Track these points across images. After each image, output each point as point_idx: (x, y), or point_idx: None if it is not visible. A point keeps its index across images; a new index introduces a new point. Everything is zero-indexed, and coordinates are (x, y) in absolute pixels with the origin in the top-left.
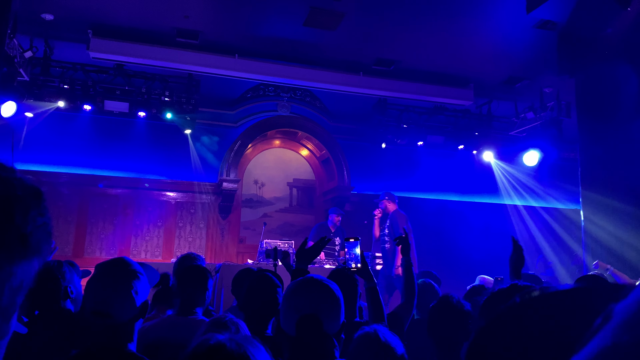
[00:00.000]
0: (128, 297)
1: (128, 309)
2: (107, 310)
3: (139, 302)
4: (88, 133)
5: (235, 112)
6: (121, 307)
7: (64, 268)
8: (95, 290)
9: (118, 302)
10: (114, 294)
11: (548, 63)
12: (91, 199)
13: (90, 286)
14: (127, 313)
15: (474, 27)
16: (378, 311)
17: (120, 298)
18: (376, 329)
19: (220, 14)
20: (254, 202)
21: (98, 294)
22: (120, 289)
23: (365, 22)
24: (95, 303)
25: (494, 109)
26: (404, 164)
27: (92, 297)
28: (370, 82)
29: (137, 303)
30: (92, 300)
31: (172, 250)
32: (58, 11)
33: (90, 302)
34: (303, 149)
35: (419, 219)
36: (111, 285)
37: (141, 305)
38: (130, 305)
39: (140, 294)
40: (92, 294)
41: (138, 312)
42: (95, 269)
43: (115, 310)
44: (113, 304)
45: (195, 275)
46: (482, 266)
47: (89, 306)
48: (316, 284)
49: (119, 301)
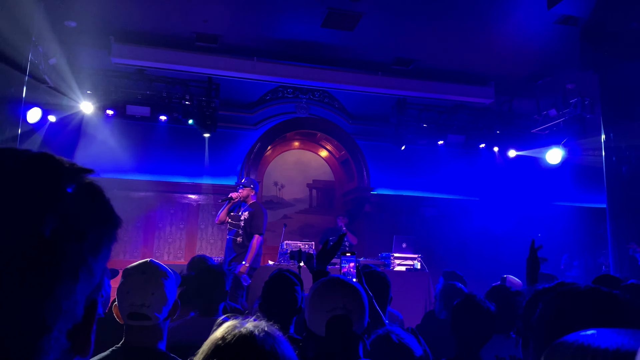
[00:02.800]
0: (162, 298)
1: (162, 310)
2: (143, 312)
3: (170, 303)
4: (110, 137)
5: (254, 115)
6: (156, 308)
7: None
8: (130, 294)
9: (153, 304)
10: (149, 296)
11: (570, 59)
12: (114, 202)
13: (123, 289)
14: (162, 313)
15: (494, 24)
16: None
17: (155, 300)
18: (389, 330)
19: (239, 18)
20: (274, 204)
21: (133, 297)
22: (154, 290)
23: (383, 22)
24: (131, 306)
25: (516, 106)
26: (424, 163)
27: (127, 300)
28: (389, 82)
29: (170, 304)
30: (128, 303)
31: (194, 251)
32: (81, 19)
33: (126, 306)
34: (322, 150)
35: (441, 219)
36: (144, 287)
37: (172, 305)
38: (164, 306)
39: (171, 295)
40: (127, 297)
41: (170, 311)
42: (124, 272)
43: (151, 311)
44: (149, 306)
45: (213, 276)
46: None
47: (124, 309)
48: (344, 285)
49: (154, 303)
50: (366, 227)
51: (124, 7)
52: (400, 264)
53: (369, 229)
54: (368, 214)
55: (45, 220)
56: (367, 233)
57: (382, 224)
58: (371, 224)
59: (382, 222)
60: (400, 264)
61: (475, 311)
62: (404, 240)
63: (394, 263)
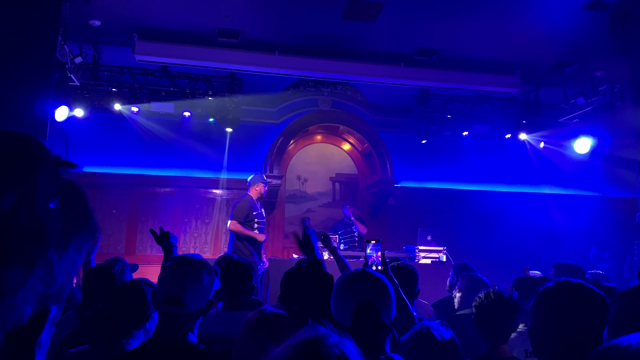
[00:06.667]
0: (202, 289)
1: (199, 301)
2: (180, 297)
3: (208, 297)
4: (136, 134)
5: (276, 109)
6: (194, 297)
7: (125, 276)
8: (172, 277)
9: (192, 292)
10: (190, 284)
11: (599, 45)
12: (141, 198)
13: (166, 273)
14: (196, 304)
15: (520, 12)
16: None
17: (195, 289)
18: (428, 326)
19: (260, 12)
20: (297, 198)
21: (174, 280)
22: (196, 280)
23: (405, 12)
24: (170, 289)
25: (542, 95)
26: (448, 155)
27: (167, 283)
28: (412, 73)
29: (207, 298)
30: (167, 286)
31: (219, 246)
32: (105, 17)
33: (164, 287)
34: (345, 144)
35: (466, 211)
36: (189, 275)
37: (208, 301)
38: (202, 298)
39: (210, 291)
40: (168, 280)
41: (205, 306)
42: (172, 259)
43: (188, 298)
44: (187, 292)
45: (238, 270)
46: (532, 258)
47: (161, 291)
48: (369, 276)
49: (193, 291)
50: (390, 220)
51: (147, 4)
52: (426, 256)
53: (393, 222)
54: (392, 207)
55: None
56: (391, 226)
57: (407, 216)
58: (395, 217)
59: (406, 215)
60: (426, 256)
61: (500, 303)
62: (429, 232)
63: (419, 256)
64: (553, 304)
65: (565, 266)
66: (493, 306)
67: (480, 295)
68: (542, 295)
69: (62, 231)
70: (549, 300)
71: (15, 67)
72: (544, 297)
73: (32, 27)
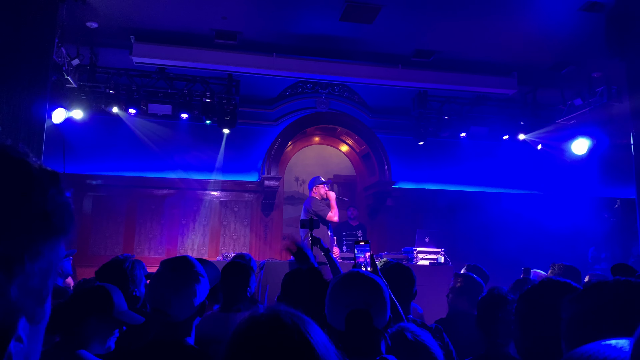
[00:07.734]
0: (187, 298)
1: (185, 310)
2: (165, 310)
3: (197, 302)
4: (133, 136)
5: (274, 111)
6: (179, 307)
7: (136, 272)
8: (157, 289)
9: (176, 303)
10: (173, 295)
11: (596, 47)
12: (139, 200)
13: (152, 283)
14: (184, 313)
15: (517, 13)
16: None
17: (179, 299)
18: (403, 327)
19: (257, 14)
20: (295, 199)
21: (159, 293)
22: (181, 290)
23: (402, 14)
24: (155, 301)
25: (539, 96)
26: (446, 156)
27: (153, 294)
28: (409, 75)
29: (195, 304)
30: (152, 298)
31: (217, 248)
32: (102, 19)
33: (151, 300)
34: (343, 145)
35: (464, 212)
36: (172, 286)
37: (199, 305)
38: (187, 306)
39: (199, 296)
40: (153, 292)
41: (195, 312)
42: (160, 265)
43: (173, 310)
44: (171, 304)
45: (236, 271)
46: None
47: (149, 303)
48: (364, 279)
49: (177, 302)
50: (388, 222)
51: (144, 6)
52: (424, 258)
53: (391, 223)
54: (390, 208)
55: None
56: (389, 227)
57: (405, 218)
58: (393, 218)
59: (404, 216)
60: (424, 258)
61: (502, 304)
62: (427, 234)
63: (417, 257)
64: (531, 307)
65: (561, 267)
66: (495, 307)
67: (483, 296)
68: (521, 298)
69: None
70: (528, 303)
71: (11, 69)
72: (523, 300)
73: (29, 29)
